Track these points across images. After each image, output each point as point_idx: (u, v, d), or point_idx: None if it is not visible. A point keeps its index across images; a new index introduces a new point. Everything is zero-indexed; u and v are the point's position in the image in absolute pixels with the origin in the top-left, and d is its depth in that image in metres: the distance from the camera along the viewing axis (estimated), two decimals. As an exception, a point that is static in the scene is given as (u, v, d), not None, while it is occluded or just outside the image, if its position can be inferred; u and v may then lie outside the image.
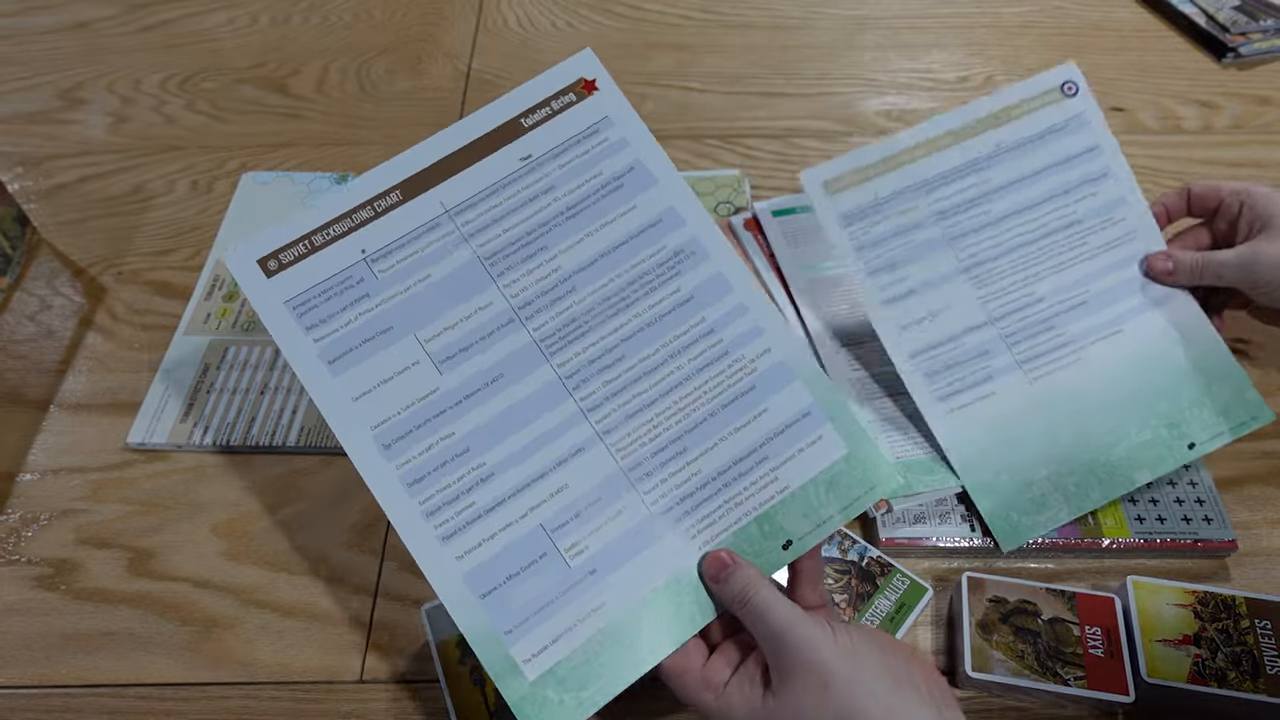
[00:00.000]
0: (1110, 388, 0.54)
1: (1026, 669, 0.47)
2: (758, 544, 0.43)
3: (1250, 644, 0.47)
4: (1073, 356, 0.55)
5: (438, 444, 0.42)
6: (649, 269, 0.45)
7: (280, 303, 0.42)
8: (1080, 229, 0.56)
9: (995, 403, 0.54)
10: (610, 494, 0.43)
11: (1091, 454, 0.53)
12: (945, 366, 0.55)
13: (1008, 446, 0.53)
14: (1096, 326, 0.55)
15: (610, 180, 0.46)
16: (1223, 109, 0.82)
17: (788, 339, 0.46)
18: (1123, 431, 0.53)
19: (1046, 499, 0.52)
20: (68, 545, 0.55)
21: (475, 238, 0.44)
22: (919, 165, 0.57)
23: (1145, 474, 0.53)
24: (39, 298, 0.68)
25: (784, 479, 0.44)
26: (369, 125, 0.81)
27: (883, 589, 0.50)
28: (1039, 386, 0.54)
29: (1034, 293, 0.55)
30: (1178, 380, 0.54)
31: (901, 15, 0.92)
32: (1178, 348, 0.55)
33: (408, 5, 0.94)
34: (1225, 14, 0.88)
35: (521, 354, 0.43)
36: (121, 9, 0.94)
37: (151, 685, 0.49)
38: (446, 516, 0.41)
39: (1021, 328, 0.55)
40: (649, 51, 0.88)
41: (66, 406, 0.62)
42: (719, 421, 0.44)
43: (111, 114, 0.82)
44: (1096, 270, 0.56)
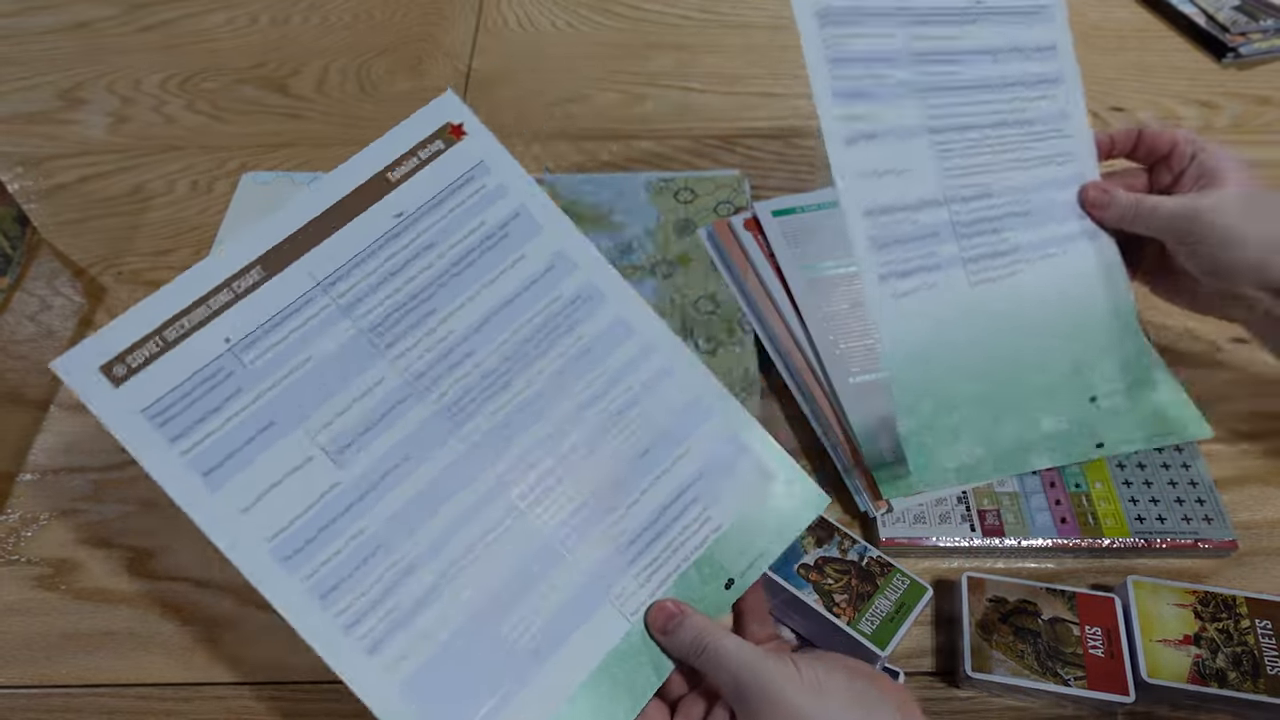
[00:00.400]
0: (1041, 313, 0.49)
1: (1026, 669, 0.47)
2: (699, 589, 0.42)
3: (1251, 644, 0.47)
4: (1012, 268, 0.49)
5: (347, 545, 0.38)
6: (546, 320, 0.43)
7: (135, 413, 0.37)
8: (1030, 130, 0.51)
9: (936, 298, 0.48)
10: (544, 565, 0.40)
11: (1012, 384, 0.48)
12: (896, 240, 0.48)
13: (942, 355, 0.47)
14: (1037, 243, 0.50)
15: (494, 230, 0.43)
16: (1223, 109, 0.82)
17: (698, 373, 0.44)
18: (1044, 363, 0.48)
19: (960, 430, 0.47)
20: (68, 545, 0.55)
21: (354, 309, 0.40)
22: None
23: (1050, 420, 0.48)
24: (39, 298, 0.68)
25: (716, 518, 0.43)
26: (369, 125, 0.81)
27: (883, 589, 0.50)
28: (978, 292, 0.48)
29: (985, 185, 0.50)
30: (1094, 323, 0.50)
31: (901, 15, 0.92)
32: (1097, 291, 0.50)
33: (408, 5, 0.94)
34: (1225, 14, 0.88)
35: (425, 430, 0.40)
36: (121, 9, 0.94)
37: (152, 685, 0.49)
38: (370, 625, 0.37)
39: (972, 220, 0.49)
40: (649, 51, 0.88)
41: (66, 406, 0.62)
42: (642, 469, 0.43)
43: (111, 114, 0.82)
44: (1035, 182, 0.51)
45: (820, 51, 0.48)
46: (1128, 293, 0.51)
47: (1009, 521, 0.53)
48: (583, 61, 0.87)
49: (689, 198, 0.72)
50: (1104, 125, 0.80)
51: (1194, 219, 0.46)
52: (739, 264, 0.66)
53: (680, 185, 0.73)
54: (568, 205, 0.72)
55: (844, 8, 0.49)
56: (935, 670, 0.50)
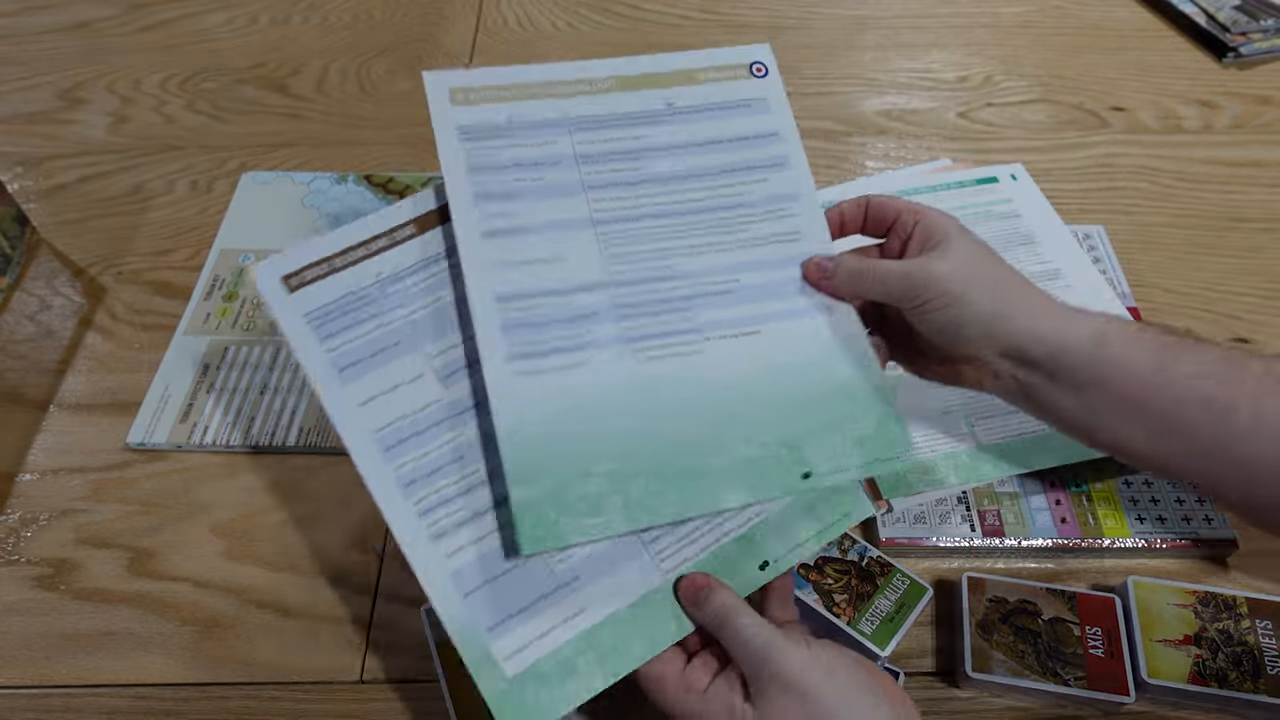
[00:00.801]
0: (728, 391, 0.46)
1: (1027, 669, 0.47)
2: (735, 563, 0.44)
3: (1251, 644, 0.47)
4: (695, 346, 0.46)
5: (435, 450, 0.43)
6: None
7: (299, 315, 0.44)
8: (744, 213, 0.49)
9: (582, 375, 0.45)
10: None
11: (682, 459, 0.44)
12: (536, 323, 0.45)
13: (580, 426, 0.44)
14: (733, 320, 0.47)
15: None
16: (1223, 109, 0.82)
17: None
18: (728, 442, 0.45)
19: (603, 500, 0.43)
20: (67, 545, 0.55)
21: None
22: (572, 101, 0.49)
23: (739, 495, 0.44)
24: (39, 298, 0.68)
25: (766, 505, 0.45)
26: (369, 125, 0.81)
27: (883, 589, 0.50)
28: (641, 370, 0.45)
29: (671, 267, 0.47)
30: (814, 400, 0.46)
31: (901, 15, 0.92)
32: (824, 364, 0.47)
33: (408, 5, 0.94)
34: (1225, 14, 0.88)
35: None
36: (121, 9, 0.94)
37: (151, 685, 0.49)
38: (438, 517, 0.42)
39: (643, 301, 0.47)
40: (649, 51, 0.88)
41: (66, 406, 0.62)
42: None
43: (111, 114, 0.82)
44: (749, 262, 0.48)
45: (462, 161, 0.47)
46: (869, 363, 0.47)
47: (1009, 521, 0.53)
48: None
49: (689, 198, 0.72)
50: (1104, 124, 0.80)
51: (918, 280, 0.44)
52: (739, 264, 0.66)
53: (680, 185, 0.73)
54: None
55: (494, 125, 0.47)
56: (935, 670, 0.50)
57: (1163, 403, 0.41)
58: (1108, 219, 0.71)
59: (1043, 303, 0.44)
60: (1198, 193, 0.74)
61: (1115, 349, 0.42)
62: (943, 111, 0.82)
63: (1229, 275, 0.68)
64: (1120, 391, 0.41)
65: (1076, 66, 0.86)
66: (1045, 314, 0.43)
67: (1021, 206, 0.69)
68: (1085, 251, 0.67)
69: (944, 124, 0.81)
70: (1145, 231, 0.71)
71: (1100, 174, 0.76)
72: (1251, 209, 0.73)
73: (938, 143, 0.79)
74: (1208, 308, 0.66)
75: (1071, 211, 0.71)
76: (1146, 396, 0.41)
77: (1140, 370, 0.41)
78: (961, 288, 0.43)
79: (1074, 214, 0.71)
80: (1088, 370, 0.42)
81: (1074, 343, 0.42)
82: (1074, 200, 0.73)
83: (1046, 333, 0.42)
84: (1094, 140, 0.79)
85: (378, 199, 0.73)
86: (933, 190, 0.70)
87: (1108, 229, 0.70)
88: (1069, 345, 0.42)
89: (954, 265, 0.44)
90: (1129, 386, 0.41)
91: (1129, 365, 0.41)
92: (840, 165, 0.77)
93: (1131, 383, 0.41)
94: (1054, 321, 0.43)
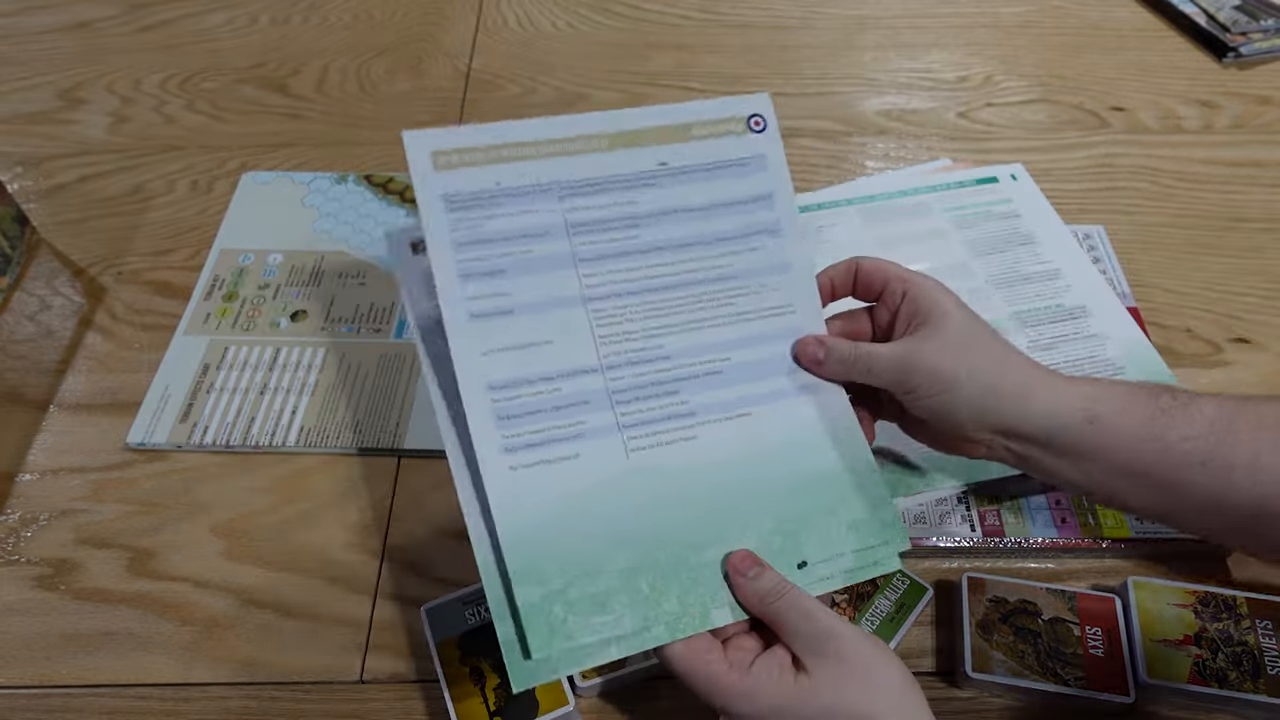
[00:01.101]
0: (723, 477, 0.44)
1: (1026, 669, 0.47)
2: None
3: (1251, 644, 0.47)
4: (688, 432, 0.45)
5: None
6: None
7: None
8: (732, 286, 0.47)
9: (578, 467, 0.43)
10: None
11: (680, 550, 0.43)
12: (528, 411, 0.43)
13: (583, 523, 0.42)
14: (724, 403, 0.46)
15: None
16: (1223, 109, 0.82)
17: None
18: (726, 531, 0.43)
19: (612, 599, 0.41)
20: (67, 545, 0.55)
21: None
22: (562, 162, 0.46)
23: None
24: (39, 298, 0.68)
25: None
26: (369, 125, 0.81)
27: (883, 589, 0.50)
28: (637, 459, 0.44)
29: (662, 346, 0.46)
30: (806, 484, 0.45)
31: (901, 15, 0.92)
32: (815, 446, 0.46)
33: (408, 5, 0.94)
34: (1226, 14, 0.88)
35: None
36: (121, 9, 0.94)
37: (151, 685, 0.49)
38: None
39: (637, 385, 0.45)
40: (649, 51, 0.88)
41: (66, 406, 0.62)
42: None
43: (111, 114, 0.82)
44: (740, 338, 0.47)
45: (446, 237, 0.44)
46: (860, 446, 0.46)
47: (1009, 521, 0.53)
48: (583, 61, 0.87)
49: (689, 198, 0.72)
50: (1104, 124, 0.80)
51: (908, 367, 0.44)
52: (739, 264, 0.66)
53: (680, 185, 0.73)
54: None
55: (480, 193, 0.45)
56: (935, 670, 0.50)
57: (1160, 469, 0.42)
58: (1108, 219, 0.71)
59: (1033, 377, 0.44)
60: (1198, 193, 0.74)
61: (1108, 421, 0.42)
62: (943, 111, 0.82)
63: (1229, 275, 0.68)
64: (1115, 461, 0.42)
65: (1076, 66, 0.86)
66: (1036, 391, 0.43)
67: (1021, 206, 0.69)
68: (1085, 251, 0.67)
69: (944, 124, 0.81)
70: (1145, 231, 0.71)
71: (1100, 174, 0.76)
72: (1251, 209, 0.73)
73: (938, 143, 0.79)
74: (1208, 308, 0.66)
75: (1071, 211, 0.71)
76: (1144, 464, 0.42)
77: (1134, 439, 0.42)
78: (951, 373, 0.43)
79: (1074, 214, 0.71)
80: (1081, 443, 0.42)
81: (1067, 418, 0.42)
82: (1074, 200, 0.73)
83: (1038, 412, 0.42)
84: (1094, 140, 0.79)
85: (378, 199, 0.73)
86: (933, 190, 0.70)
87: (1108, 229, 0.70)
88: (1063, 421, 0.42)
89: (943, 346, 0.43)
90: (1123, 455, 0.42)
91: (1123, 435, 0.42)
92: (840, 165, 0.77)
93: (1125, 452, 0.42)
94: (1046, 398, 0.43)
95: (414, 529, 0.55)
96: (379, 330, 0.64)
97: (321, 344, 0.64)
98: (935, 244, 0.67)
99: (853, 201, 0.70)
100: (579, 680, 0.47)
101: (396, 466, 0.58)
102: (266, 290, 0.67)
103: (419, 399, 0.60)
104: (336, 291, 0.67)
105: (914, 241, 0.67)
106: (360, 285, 0.67)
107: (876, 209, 0.69)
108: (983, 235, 0.67)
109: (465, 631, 0.48)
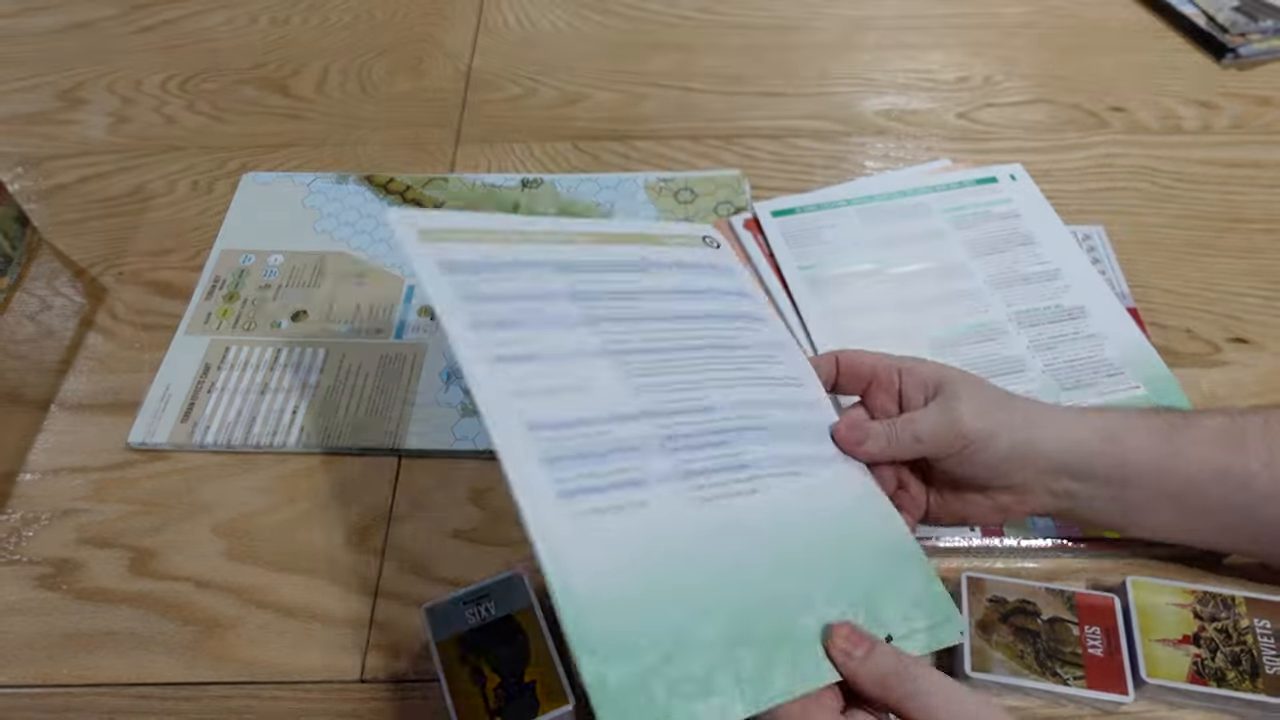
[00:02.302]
0: (791, 538, 0.41)
1: (1026, 669, 0.47)
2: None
3: (1250, 643, 0.47)
4: (750, 485, 0.41)
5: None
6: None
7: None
8: (745, 353, 0.46)
9: (649, 515, 0.38)
10: None
11: (775, 619, 0.38)
12: (577, 454, 0.38)
13: (665, 580, 0.36)
14: (775, 458, 0.42)
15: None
16: (1222, 109, 0.82)
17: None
18: (810, 597, 0.39)
19: (714, 677, 0.35)
20: (68, 545, 0.55)
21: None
22: (550, 248, 0.45)
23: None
24: (39, 298, 0.68)
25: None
26: (369, 125, 0.81)
27: (882, 589, 0.50)
28: (711, 510, 0.39)
29: (706, 397, 0.43)
30: (867, 555, 0.43)
31: (901, 15, 0.92)
32: (866, 516, 0.44)
33: (408, 5, 0.94)
34: (1225, 14, 0.88)
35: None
36: (121, 9, 0.94)
37: (152, 685, 0.50)
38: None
39: (687, 432, 0.41)
40: (649, 51, 0.88)
41: (67, 406, 0.62)
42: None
43: (111, 114, 0.82)
44: (773, 400, 0.45)
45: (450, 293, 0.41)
46: (899, 521, 0.45)
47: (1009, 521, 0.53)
48: (583, 61, 0.87)
49: (689, 198, 0.72)
50: (1103, 125, 0.80)
51: (954, 420, 0.43)
52: (739, 264, 0.66)
53: (680, 185, 0.73)
54: (567, 205, 0.72)
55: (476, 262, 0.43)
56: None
57: (1183, 484, 0.43)
58: (1107, 219, 0.71)
59: (1047, 414, 0.45)
60: (1197, 193, 0.75)
61: (1124, 438, 0.44)
62: (942, 112, 0.82)
63: (1229, 275, 0.68)
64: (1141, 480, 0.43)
65: (1076, 67, 0.86)
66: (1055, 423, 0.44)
67: (1021, 207, 0.69)
68: (1084, 252, 0.67)
69: (944, 124, 0.81)
70: (1145, 232, 0.71)
71: (1100, 174, 0.76)
72: (1251, 209, 0.73)
73: (937, 143, 0.79)
74: (1207, 308, 0.66)
75: (1071, 211, 0.71)
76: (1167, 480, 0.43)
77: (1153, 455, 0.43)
78: (992, 423, 0.44)
79: (1073, 214, 0.71)
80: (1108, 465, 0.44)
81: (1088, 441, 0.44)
82: (1073, 200, 0.73)
83: (1066, 438, 0.44)
84: (1093, 140, 0.79)
85: (379, 199, 0.73)
86: (932, 190, 0.70)
87: (1107, 229, 0.70)
88: (1086, 446, 0.44)
89: (976, 403, 0.44)
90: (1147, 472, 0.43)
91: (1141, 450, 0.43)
92: (840, 165, 0.77)
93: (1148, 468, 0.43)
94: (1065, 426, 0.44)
95: (414, 529, 0.55)
96: (379, 330, 0.64)
97: (322, 344, 0.64)
98: (934, 244, 0.67)
99: (852, 202, 0.70)
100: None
101: (397, 466, 0.58)
102: (267, 290, 0.67)
103: (419, 399, 0.60)
104: (337, 292, 0.67)
105: (913, 242, 0.67)
106: (361, 285, 0.67)
107: (876, 209, 0.69)
108: (982, 235, 0.67)
109: (465, 631, 0.48)
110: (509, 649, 0.47)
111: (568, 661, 0.47)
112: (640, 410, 0.41)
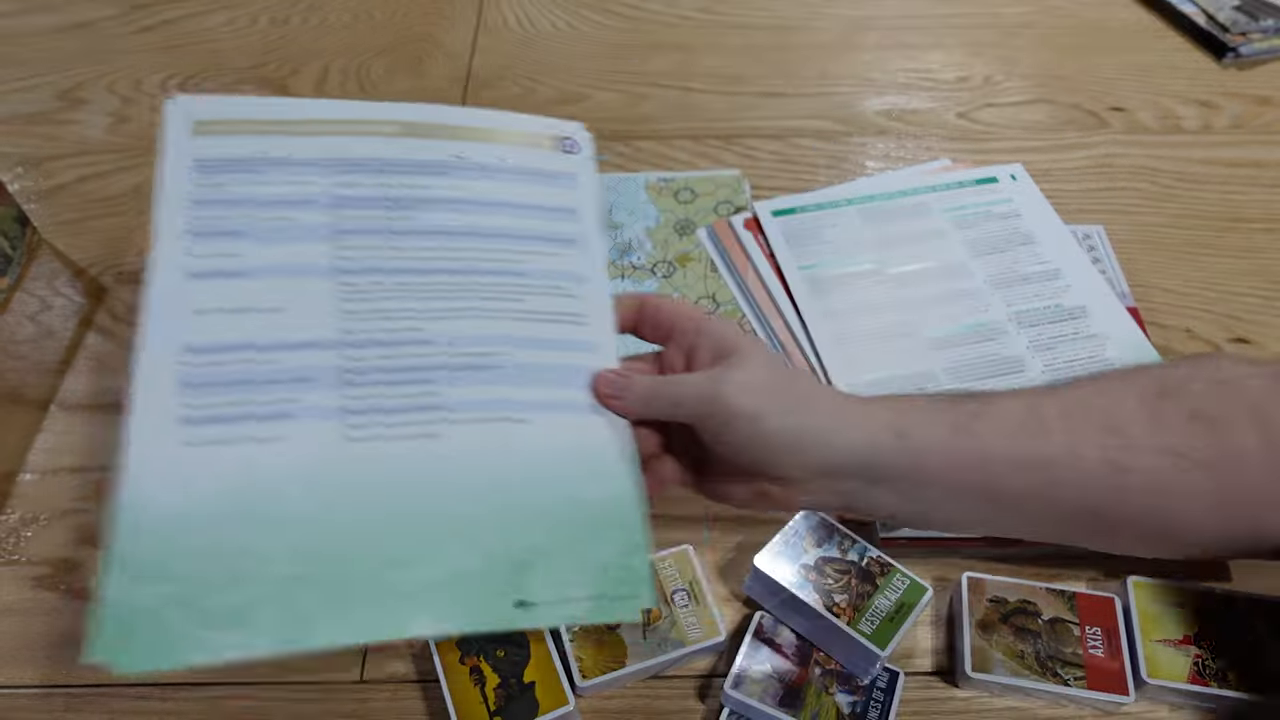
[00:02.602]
0: (461, 488, 0.39)
1: (1026, 669, 0.47)
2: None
3: (1250, 643, 0.47)
4: (431, 428, 0.39)
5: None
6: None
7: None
8: (523, 283, 0.43)
9: (279, 450, 0.37)
10: None
11: (379, 569, 0.36)
12: (226, 381, 0.38)
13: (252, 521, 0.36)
14: (490, 402, 0.40)
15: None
16: (1222, 109, 0.82)
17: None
18: (444, 550, 0.37)
19: (255, 611, 0.34)
20: (68, 545, 0.55)
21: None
22: (340, 140, 0.43)
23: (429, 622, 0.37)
24: (39, 298, 0.68)
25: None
26: (369, 125, 0.81)
27: (882, 589, 0.50)
28: (355, 450, 0.38)
29: (423, 330, 0.41)
30: (558, 511, 0.40)
31: (901, 15, 0.92)
32: (582, 473, 0.41)
33: (408, 5, 0.94)
34: (1225, 14, 0.88)
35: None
36: (121, 9, 0.94)
37: (152, 685, 0.50)
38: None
39: (380, 367, 0.40)
40: (649, 51, 0.88)
41: (66, 406, 0.62)
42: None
43: (111, 114, 0.82)
44: (526, 338, 0.42)
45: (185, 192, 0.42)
46: (631, 486, 0.41)
47: (1009, 521, 0.53)
48: (583, 61, 0.87)
49: (689, 198, 0.72)
50: (1103, 124, 0.80)
51: (718, 397, 0.40)
52: (739, 264, 0.66)
53: (680, 185, 0.73)
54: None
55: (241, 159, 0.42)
56: (935, 670, 0.50)
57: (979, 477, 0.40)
58: (1107, 219, 0.71)
59: (842, 407, 0.41)
60: (1197, 193, 0.75)
61: (916, 433, 0.40)
62: (942, 112, 0.82)
63: (1229, 275, 0.68)
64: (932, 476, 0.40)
65: (1076, 66, 0.86)
66: (847, 418, 0.41)
67: (1021, 206, 0.69)
68: (1085, 251, 0.67)
69: (944, 124, 0.81)
70: (1145, 231, 0.71)
71: (1100, 174, 0.76)
72: (1251, 209, 0.73)
73: (937, 143, 0.79)
74: (1207, 308, 0.66)
75: (1071, 211, 0.71)
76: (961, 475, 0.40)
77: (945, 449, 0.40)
78: (765, 403, 0.40)
79: (1073, 214, 0.71)
80: (897, 464, 0.40)
81: (880, 440, 0.40)
82: (1073, 200, 0.73)
83: (853, 440, 0.40)
84: (1093, 140, 0.79)
85: (378, 199, 0.73)
86: (932, 190, 0.70)
87: (1107, 229, 0.70)
88: (876, 444, 0.40)
89: (752, 376, 0.40)
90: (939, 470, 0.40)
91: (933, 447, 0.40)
92: (840, 165, 0.77)
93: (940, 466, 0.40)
94: (857, 424, 0.41)
95: (414, 529, 0.55)
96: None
97: (321, 344, 0.63)
98: (935, 244, 0.67)
99: (852, 201, 0.70)
100: (579, 680, 0.47)
101: (397, 466, 0.58)
102: (266, 290, 0.67)
103: (419, 399, 0.60)
104: (336, 291, 0.67)
105: (914, 241, 0.67)
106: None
107: (876, 209, 0.69)
108: (982, 235, 0.67)
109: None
110: (509, 649, 0.47)
111: (568, 662, 0.47)
112: (332, 339, 0.39)
